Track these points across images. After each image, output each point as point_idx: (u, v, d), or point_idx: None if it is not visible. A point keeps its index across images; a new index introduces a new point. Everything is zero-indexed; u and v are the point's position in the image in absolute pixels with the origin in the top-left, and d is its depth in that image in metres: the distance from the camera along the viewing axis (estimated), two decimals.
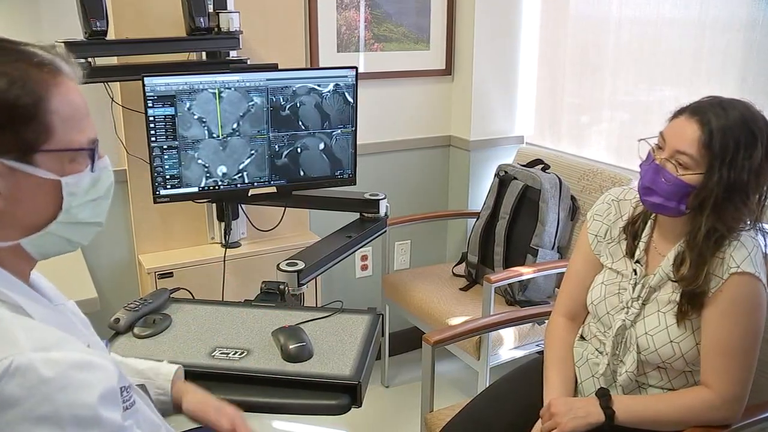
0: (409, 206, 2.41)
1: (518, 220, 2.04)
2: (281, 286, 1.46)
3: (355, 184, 1.83)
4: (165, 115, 1.59)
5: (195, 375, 1.09)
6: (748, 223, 1.11)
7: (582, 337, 1.33)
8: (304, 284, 1.50)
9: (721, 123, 1.06)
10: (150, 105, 1.58)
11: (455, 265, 2.24)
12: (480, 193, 2.38)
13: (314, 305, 1.97)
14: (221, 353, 1.18)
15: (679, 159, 1.09)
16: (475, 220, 2.19)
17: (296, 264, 1.51)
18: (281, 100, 1.68)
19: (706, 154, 1.07)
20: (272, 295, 1.44)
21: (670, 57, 1.87)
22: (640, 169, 1.16)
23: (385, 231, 1.89)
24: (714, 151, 1.06)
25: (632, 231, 1.24)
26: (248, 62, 1.79)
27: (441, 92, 2.40)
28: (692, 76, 1.81)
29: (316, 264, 1.56)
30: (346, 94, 1.74)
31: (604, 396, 1.15)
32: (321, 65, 2.10)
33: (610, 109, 2.11)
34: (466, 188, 2.44)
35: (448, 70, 2.38)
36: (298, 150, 1.74)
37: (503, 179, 2.11)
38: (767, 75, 1.62)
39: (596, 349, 1.28)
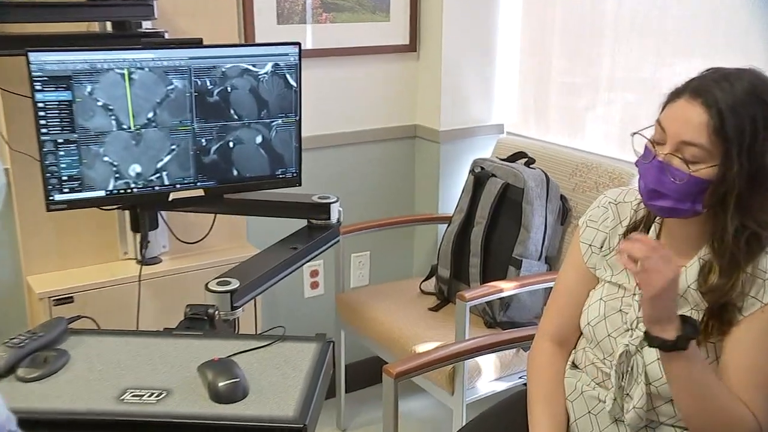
0: (368, 210, 2.42)
1: (498, 225, 2.07)
2: (210, 311, 1.44)
3: (300, 185, 1.83)
4: (59, 101, 1.55)
5: (99, 425, 1.06)
6: None
7: (574, 365, 1.35)
8: (238, 307, 1.49)
9: (730, 100, 1.05)
10: (38, 88, 1.54)
11: (423, 281, 2.25)
12: (452, 194, 2.40)
13: (253, 333, 1.96)
14: (133, 396, 1.16)
15: (687, 152, 1.08)
16: (446, 226, 2.21)
17: (229, 283, 1.50)
18: (208, 83, 1.67)
19: (719, 141, 1.06)
20: (199, 322, 1.43)
21: (682, 23, 1.90)
22: (638, 168, 1.17)
23: (338, 240, 1.89)
24: (729, 137, 1.05)
25: None
26: (166, 36, 1.77)
27: (404, 73, 2.41)
28: (708, 46, 1.84)
29: (254, 282, 1.55)
30: (288, 75, 1.74)
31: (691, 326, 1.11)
32: (257, 41, 2.09)
33: (608, 89, 2.15)
34: (435, 188, 2.45)
35: (412, 46, 2.39)
36: (230, 144, 1.73)
37: (479, 176, 2.13)
38: None
39: (593, 380, 1.29)
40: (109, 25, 1.76)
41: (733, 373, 1.13)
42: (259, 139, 1.75)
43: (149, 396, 1.15)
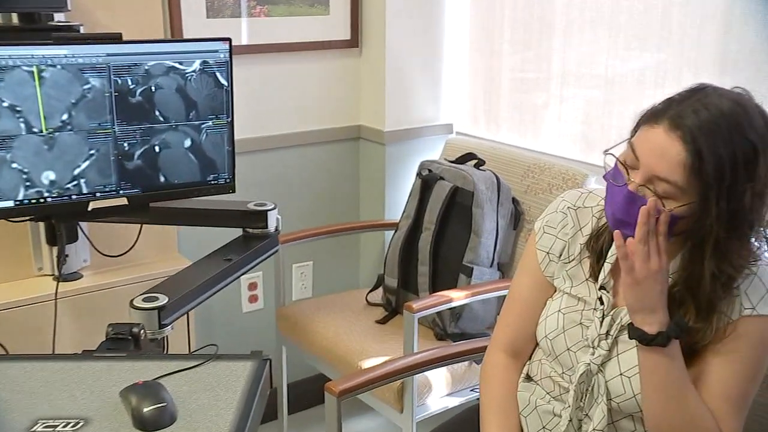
0: (309, 218, 2.41)
1: (447, 231, 2.08)
2: (135, 330, 1.41)
3: (234, 191, 1.81)
4: None
5: None
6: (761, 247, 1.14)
7: (528, 378, 1.36)
8: (167, 325, 1.46)
9: (711, 139, 1.04)
10: None
11: (370, 291, 2.25)
12: (399, 199, 2.41)
13: (185, 352, 1.92)
14: (45, 427, 1.12)
15: (660, 186, 1.08)
16: (393, 232, 2.22)
17: (156, 299, 1.46)
18: (129, 82, 1.63)
19: (697, 183, 1.05)
20: (122, 342, 1.39)
21: (635, 16, 1.94)
22: (605, 183, 1.16)
23: (277, 250, 1.87)
24: (707, 181, 1.04)
25: (596, 248, 1.26)
26: (81, 30, 1.73)
27: (346, 70, 2.41)
28: (662, 39, 1.89)
29: (185, 297, 1.52)
30: (218, 74, 1.71)
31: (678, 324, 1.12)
32: (185, 36, 2.07)
33: (561, 85, 2.19)
34: (381, 192, 2.46)
35: (354, 41, 2.39)
36: (156, 149, 1.69)
37: (427, 180, 2.15)
38: (755, 26, 1.68)
39: (548, 393, 1.31)
40: (15, 17, 1.70)
41: (705, 382, 1.15)
42: (187, 143, 1.72)
43: (64, 426, 1.12)
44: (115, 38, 1.67)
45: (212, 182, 1.77)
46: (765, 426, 1.35)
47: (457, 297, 1.89)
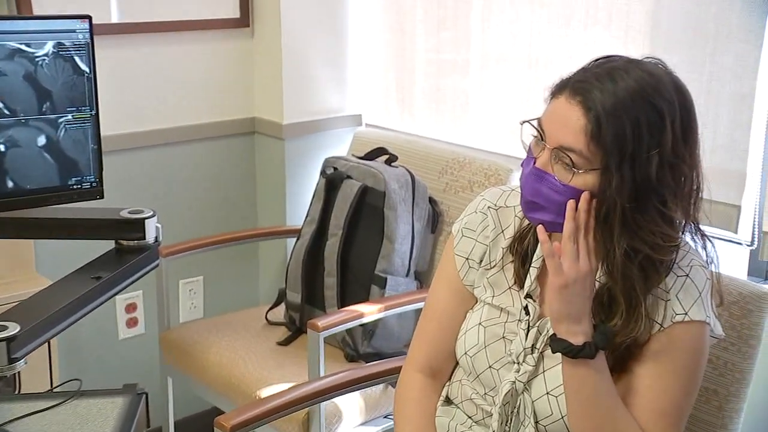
0: (197, 226, 2.38)
1: (356, 236, 2.08)
2: None
3: (102, 196, 1.75)
4: None
5: None
6: (682, 232, 1.18)
7: (448, 400, 1.38)
8: (19, 359, 1.40)
9: (609, 102, 1.10)
10: None
11: (270, 309, 2.24)
12: (301, 201, 2.41)
13: (46, 390, 1.85)
14: None
15: (566, 158, 1.12)
16: (295, 240, 2.21)
17: (5, 328, 1.40)
18: None
19: (598, 150, 1.10)
20: None
21: None
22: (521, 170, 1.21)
23: (158, 264, 1.83)
24: (605, 145, 1.10)
25: (520, 252, 1.29)
26: None
27: (236, 53, 2.40)
28: (588, 16, 1.93)
29: (42, 325, 1.46)
30: (77, 58, 1.65)
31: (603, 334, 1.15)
32: (36, 12, 2.01)
33: (483, 67, 2.22)
34: (281, 194, 2.45)
35: (244, 20, 2.38)
36: (1, 148, 1.63)
37: (332, 179, 2.15)
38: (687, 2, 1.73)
39: (470, 418, 1.32)
40: None
41: (640, 405, 1.18)
42: (42, 141, 1.66)
43: None
44: None
45: (74, 187, 1.71)
46: None
47: (370, 312, 1.90)
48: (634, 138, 1.10)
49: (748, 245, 1.73)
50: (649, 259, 1.15)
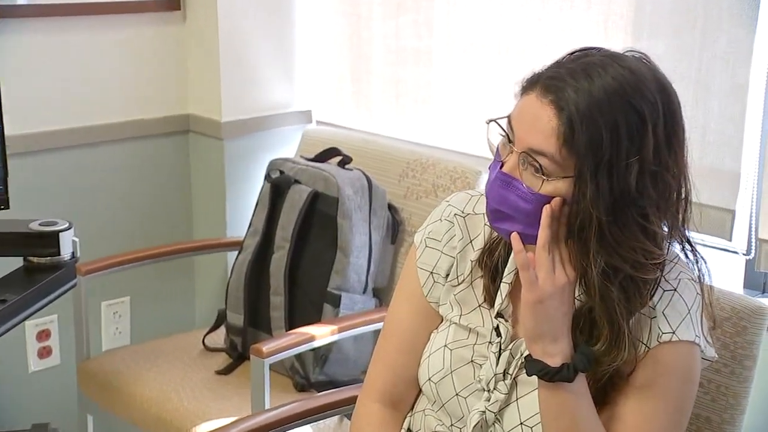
0: (122, 239, 2.37)
1: (306, 249, 2.08)
2: None
3: (7, 207, 1.73)
4: None
5: None
6: (669, 243, 1.18)
7: None
8: None
9: (584, 103, 1.10)
10: None
11: (208, 333, 2.23)
12: (244, 209, 2.40)
13: None
14: None
15: (536, 161, 1.12)
16: (237, 254, 2.20)
17: None
18: None
19: (570, 155, 1.11)
20: None
21: None
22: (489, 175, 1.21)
23: (76, 284, 1.81)
24: (579, 151, 1.10)
25: (489, 265, 1.29)
26: None
27: (165, 42, 2.39)
28: None
29: None
30: None
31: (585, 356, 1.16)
32: None
33: (448, 57, 2.22)
34: (220, 202, 2.45)
35: (174, 2, 2.37)
36: None
37: (278, 184, 2.14)
38: None
39: None
40: None
41: (620, 426, 1.19)
42: None
43: None
44: None
45: None
46: None
47: (322, 334, 1.89)
48: (611, 143, 1.10)
49: (743, 254, 1.75)
50: (631, 278, 1.16)
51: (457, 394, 1.28)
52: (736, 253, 1.75)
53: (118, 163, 2.37)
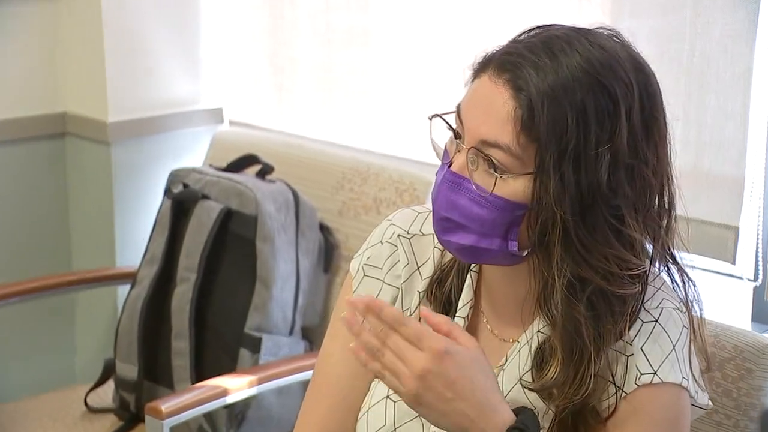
0: None
1: (217, 281, 2.09)
2: None
3: None
4: None
5: None
6: (650, 261, 1.20)
7: None
8: None
9: (546, 82, 1.12)
10: None
11: (93, 388, 2.22)
12: (137, 233, 2.41)
13: None
14: None
15: (490, 156, 1.15)
16: (129, 288, 2.20)
17: None
18: None
19: (529, 143, 1.13)
20: None
21: None
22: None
23: None
24: (540, 138, 1.12)
25: (440, 298, 1.31)
26: None
27: (33, 25, 2.39)
28: None
29: None
30: None
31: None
32: None
33: (387, 41, 2.24)
34: (107, 222, 2.44)
35: None
36: None
37: (182, 200, 2.15)
38: None
39: None
40: None
41: None
42: None
43: None
44: None
45: None
46: None
47: (238, 387, 1.90)
48: (577, 127, 1.12)
49: (750, 280, 1.74)
50: (601, 293, 1.17)
51: None
52: (740, 278, 1.75)
53: None
